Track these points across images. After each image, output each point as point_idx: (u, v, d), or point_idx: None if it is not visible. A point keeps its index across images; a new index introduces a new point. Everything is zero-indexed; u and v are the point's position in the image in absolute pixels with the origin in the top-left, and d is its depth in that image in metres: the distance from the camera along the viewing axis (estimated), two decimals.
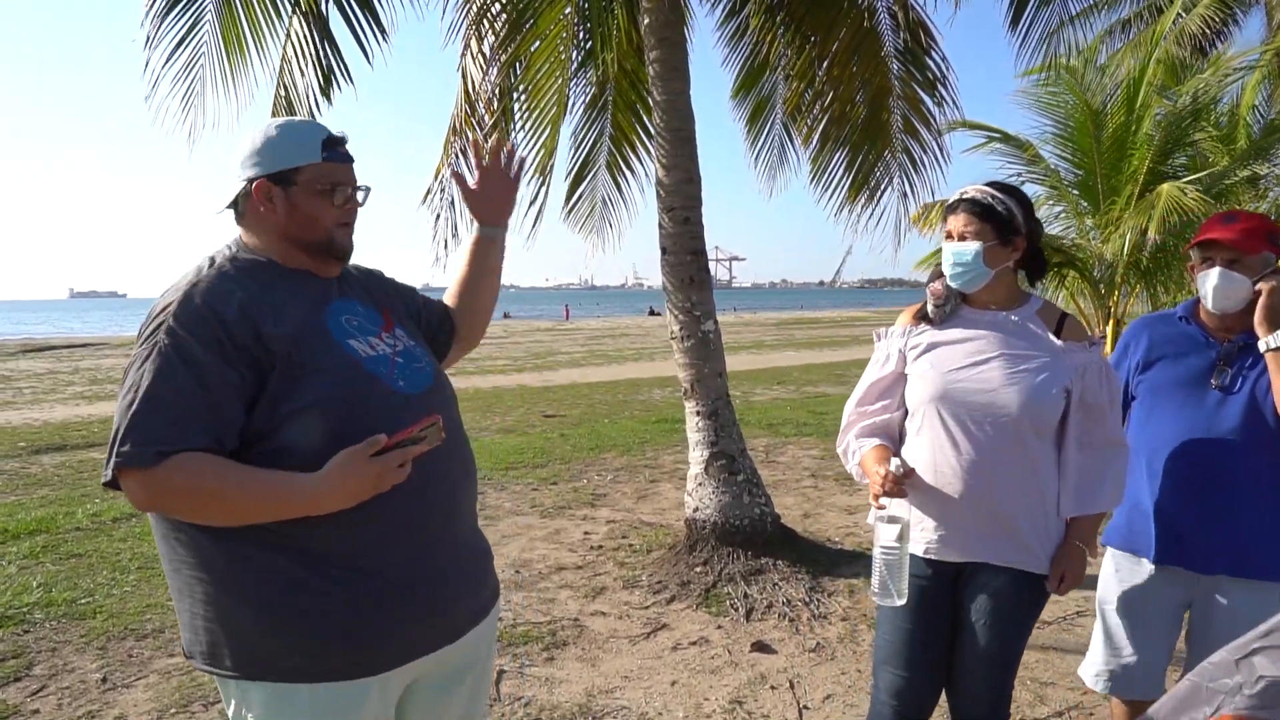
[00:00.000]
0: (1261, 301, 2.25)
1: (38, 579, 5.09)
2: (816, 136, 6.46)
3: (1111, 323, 8.65)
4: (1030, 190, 9.25)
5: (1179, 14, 11.51)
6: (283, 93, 5.25)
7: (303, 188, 1.73)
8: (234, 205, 1.78)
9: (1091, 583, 2.64)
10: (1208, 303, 2.37)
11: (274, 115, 5.33)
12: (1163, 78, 9.13)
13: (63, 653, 4.11)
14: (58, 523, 6.41)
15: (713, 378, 5.43)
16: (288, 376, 1.61)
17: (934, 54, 5.71)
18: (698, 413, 5.43)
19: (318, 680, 1.62)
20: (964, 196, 2.27)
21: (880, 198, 6.15)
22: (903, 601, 2.16)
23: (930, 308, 2.37)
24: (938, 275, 2.37)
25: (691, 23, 5.92)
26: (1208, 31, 16.52)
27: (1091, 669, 2.61)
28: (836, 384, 16.52)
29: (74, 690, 3.75)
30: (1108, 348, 6.89)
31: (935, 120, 5.94)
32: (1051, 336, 2.25)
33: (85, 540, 5.96)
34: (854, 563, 5.27)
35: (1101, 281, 8.66)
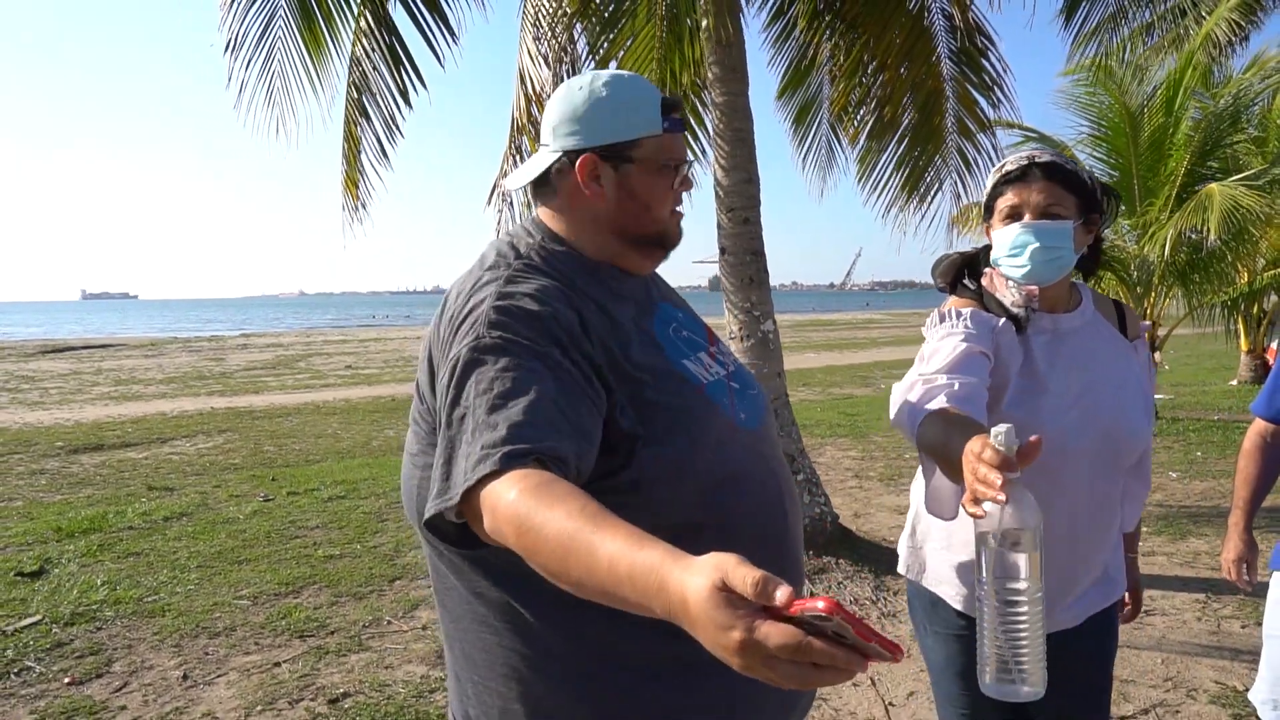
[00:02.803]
0: None
1: (100, 577, 5.12)
2: (864, 137, 6.49)
3: (1151, 326, 8.65)
4: None
5: (1202, 16, 11.50)
6: (354, 94, 5.30)
7: (641, 165, 1.35)
8: (541, 181, 1.40)
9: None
10: None
11: (349, 118, 5.39)
12: (1197, 81, 9.14)
13: (138, 650, 4.14)
14: (109, 521, 6.44)
15: (772, 378, 5.45)
16: (632, 409, 1.23)
17: (991, 55, 5.75)
18: None
19: None
20: (1036, 160, 1.73)
21: (932, 199, 6.17)
22: (1038, 693, 1.14)
23: (1022, 311, 1.75)
24: (959, 267, 1.89)
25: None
26: (1233, 39, 16.50)
27: (1260, 697, 2.50)
28: (861, 385, 16.54)
29: (157, 687, 3.77)
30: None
31: (991, 124, 5.96)
32: (1120, 335, 1.88)
33: (140, 539, 5.99)
34: None
35: (1139, 283, 8.66)
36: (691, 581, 0.80)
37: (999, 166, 1.81)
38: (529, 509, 0.97)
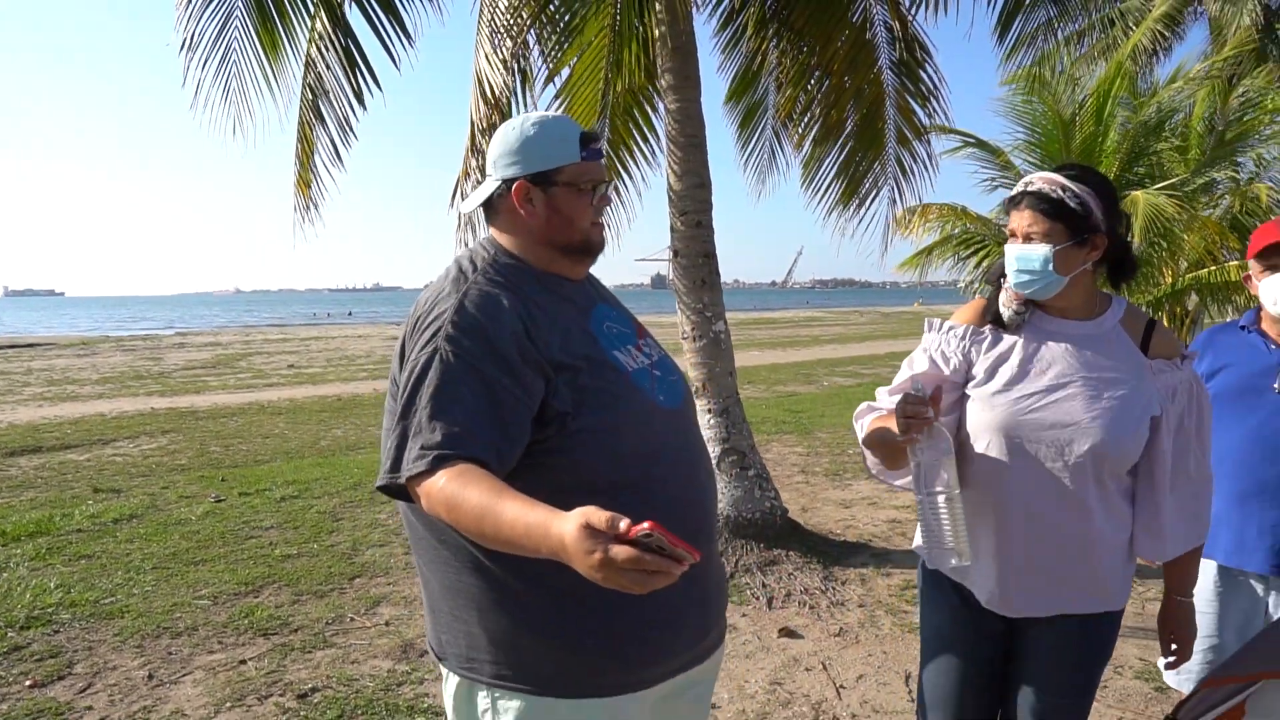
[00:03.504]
0: None
1: (53, 580, 5.08)
2: (808, 142, 6.67)
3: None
4: (1001, 195, 9.62)
5: (1130, 27, 12.01)
6: (310, 96, 5.33)
7: (563, 188, 1.66)
8: (487, 204, 1.73)
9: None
10: (1274, 308, 2.46)
11: (302, 116, 5.42)
12: (1125, 90, 9.53)
13: (100, 651, 4.14)
14: (56, 524, 6.36)
15: (724, 376, 5.62)
16: (570, 391, 1.54)
17: (928, 68, 5.97)
18: (709, 410, 5.60)
19: (585, 696, 1.58)
20: (1028, 189, 1.91)
21: (870, 203, 6.39)
22: (966, 561, 1.83)
23: (1008, 314, 1.98)
24: (1000, 272, 2.02)
25: None
26: (1158, 49, 17.18)
27: (1164, 662, 2.74)
28: (805, 383, 16.85)
29: (122, 687, 3.79)
30: None
31: (927, 132, 6.20)
32: (1139, 352, 1.93)
33: (90, 541, 5.94)
34: (859, 553, 5.49)
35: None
36: (566, 526, 1.20)
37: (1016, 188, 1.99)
38: (454, 491, 1.36)
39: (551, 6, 5.31)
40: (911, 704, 3.56)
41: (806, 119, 6.58)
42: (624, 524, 1.16)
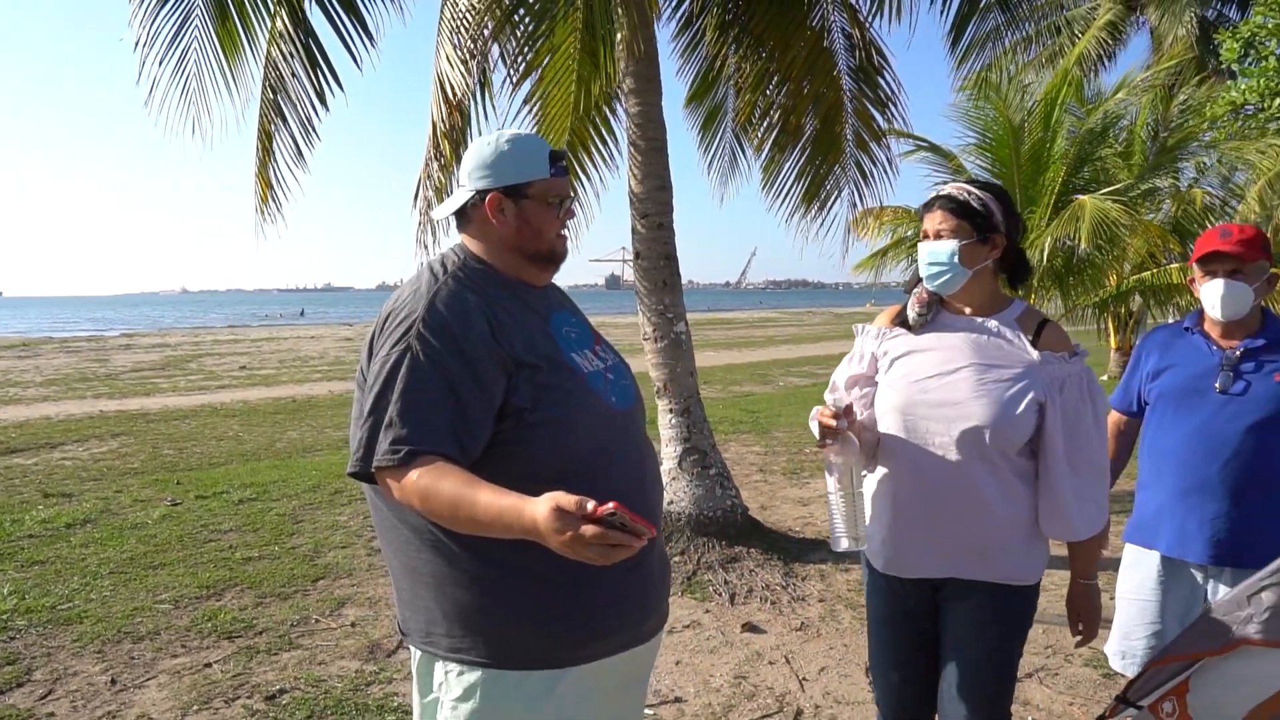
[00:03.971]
0: None
1: (6, 587, 4.99)
2: (768, 146, 6.77)
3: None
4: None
5: (1075, 35, 12.34)
6: (270, 95, 5.30)
7: (533, 201, 1.79)
8: (460, 212, 1.84)
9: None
10: (1215, 312, 2.59)
11: (264, 116, 5.39)
12: (1072, 96, 9.79)
13: (59, 658, 4.09)
14: (6, 530, 6.24)
15: (685, 377, 5.69)
16: (529, 388, 1.66)
17: (886, 74, 6.10)
18: (671, 410, 5.68)
19: (535, 667, 1.69)
20: (939, 194, 2.19)
21: (831, 206, 6.50)
22: (860, 546, 2.12)
23: (912, 315, 2.24)
24: (917, 279, 2.27)
25: None
26: (1102, 56, 17.61)
27: (1112, 649, 2.87)
28: (761, 383, 17.03)
29: (84, 693, 3.75)
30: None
31: (885, 136, 6.34)
32: (1028, 345, 2.12)
33: (43, 547, 5.83)
34: (819, 549, 5.60)
35: (1021, 285, 9.24)
36: (538, 509, 1.37)
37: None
38: (427, 484, 1.52)
39: (517, 14, 5.34)
40: (872, 694, 3.66)
41: (766, 123, 6.67)
42: (591, 505, 1.34)
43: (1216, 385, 2.58)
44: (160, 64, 5.13)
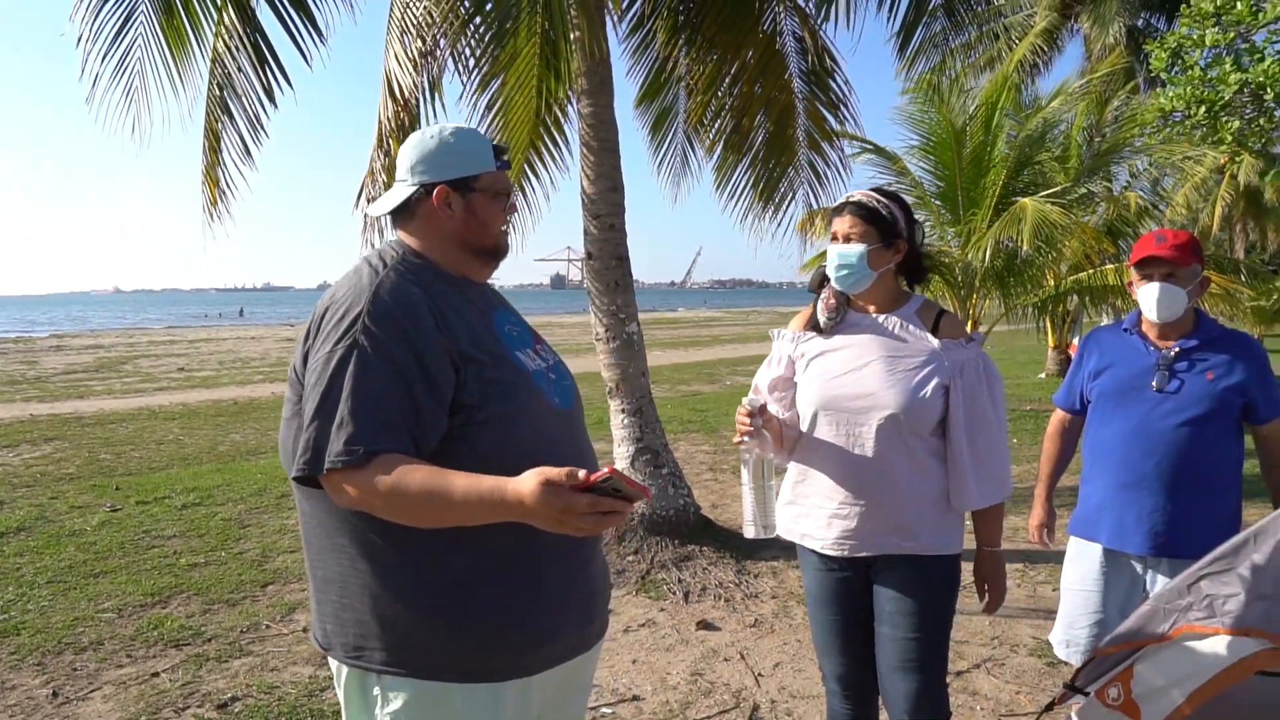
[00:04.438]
0: None
1: None
2: (720, 148, 6.83)
3: (970, 324, 9.45)
4: None
5: (1014, 40, 12.64)
6: (216, 91, 5.20)
7: (480, 194, 1.77)
8: (401, 208, 1.78)
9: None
10: (1151, 314, 2.70)
11: (210, 115, 5.29)
12: (1011, 102, 10.04)
13: None
14: None
15: (637, 377, 5.72)
16: (476, 384, 1.62)
17: (837, 77, 6.20)
18: (623, 410, 5.70)
19: (476, 680, 1.64)
20: (850, 200, 2.35)
21: (786, 207, 6.58)
22: (768, 534, 2.23)
23: (822, 319, 2.40)
24: (822, 278, 2.42)
25: None
26: (1039, 62, 18.05)
27: (1057, 638, 2.96)
28: (708, 383, 17.15)
29: (24, 706, 3.65)
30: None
31: (837, 138, 6.44)
32: (929, 335, 2.31)
33: None
34: (770, 547, 5.66)
35: (963, 285, 9.46)
36: (524, 486, 1.40)
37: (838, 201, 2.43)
38: (394, 481, 1.47)
39: (464, 9, 5.31)
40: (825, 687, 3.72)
41: (718, 125, 6.72)
42: (581, 473, 1.36)
43: (1153, 384, 2.70)
44: (102, 61, 5.00)
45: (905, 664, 2.31)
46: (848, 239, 2.31)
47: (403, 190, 1.78)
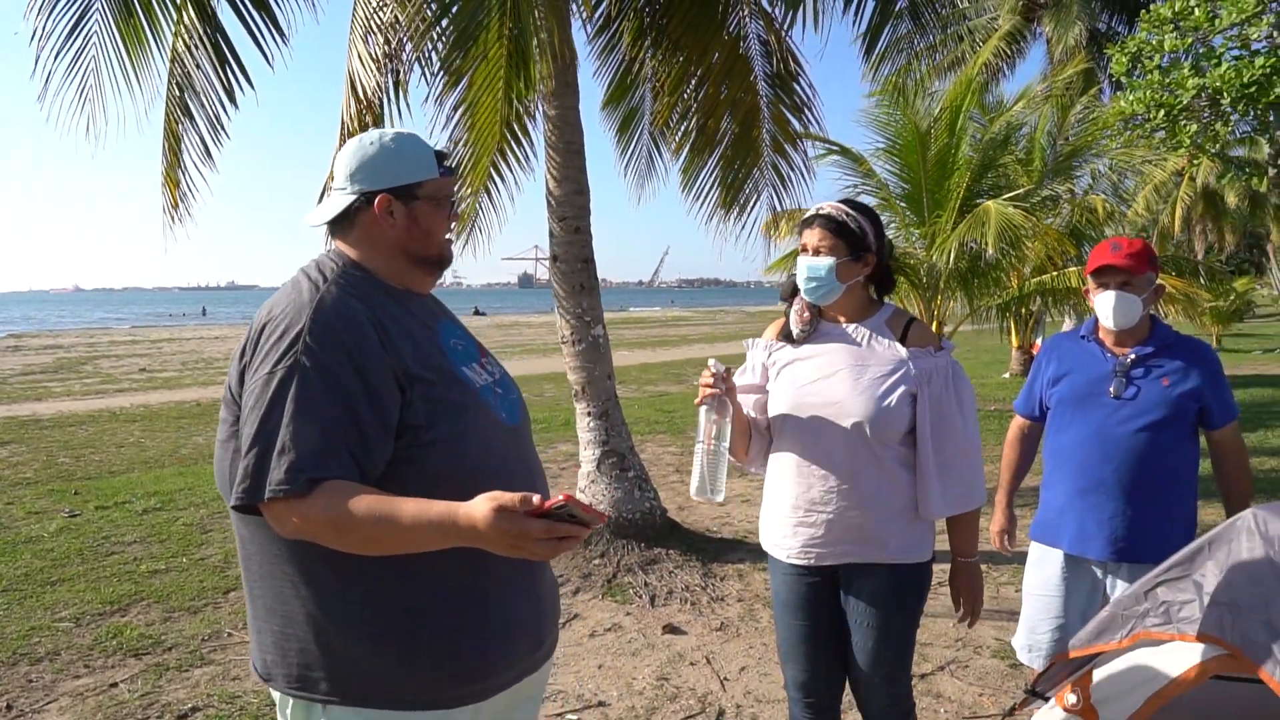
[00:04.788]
0: None
1: None
2: (686, 150, 6.83)
3: (935, 325, 9.54)
4: (864, 201, 10.07)
5: (977, 43, 12.79)
6: (176, 91, 5.12)
7: (424, 202, 1.70)
8: (339, 217, 1.71)
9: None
10: (1107, 322, 2.75)
11: (170, 115, 5.20)
12: (974, 104, 10.15)
13: None
14: None
15: (602, 380, 5.71)
16: (424, 404, 1.57)
17: (801, 80, 6.22)
18: (589, 413, 5.69)
19: (426, 709, 1.59)
20: (820, 212, 2.35)
21: (750, 208, 6.60)
22: (713, 498, 2.21)
23: (796, 330, 2.42)
24: (794, 288, 2.44)
25: None
26: (1002, 64, 18.22)
27: (1019, 642, 2.99)
28: (676, 383, 17.18)
29: None
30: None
31: (801, 141, 6.46)
32: (897, 344, 2.32)
33: None
34: (736, 549, 5.69)
35: (928, 287, 9.54)
36: (476, 512, 1.35)
37: (807, 211, 2.43)
38: (339, 509, 1.42)
39: (430, 11, 5.27)
40: None
41: (684, 127, 6.72)
42: (536, 498, 1.33)
43: (1110, 390, 2.74)
44: (56, 58, 4.91)
45: (875, 670, 2.34)
46: (817, 251, 2.33)
47: (342, 199, 1.70)
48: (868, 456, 2.28)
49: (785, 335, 2.46)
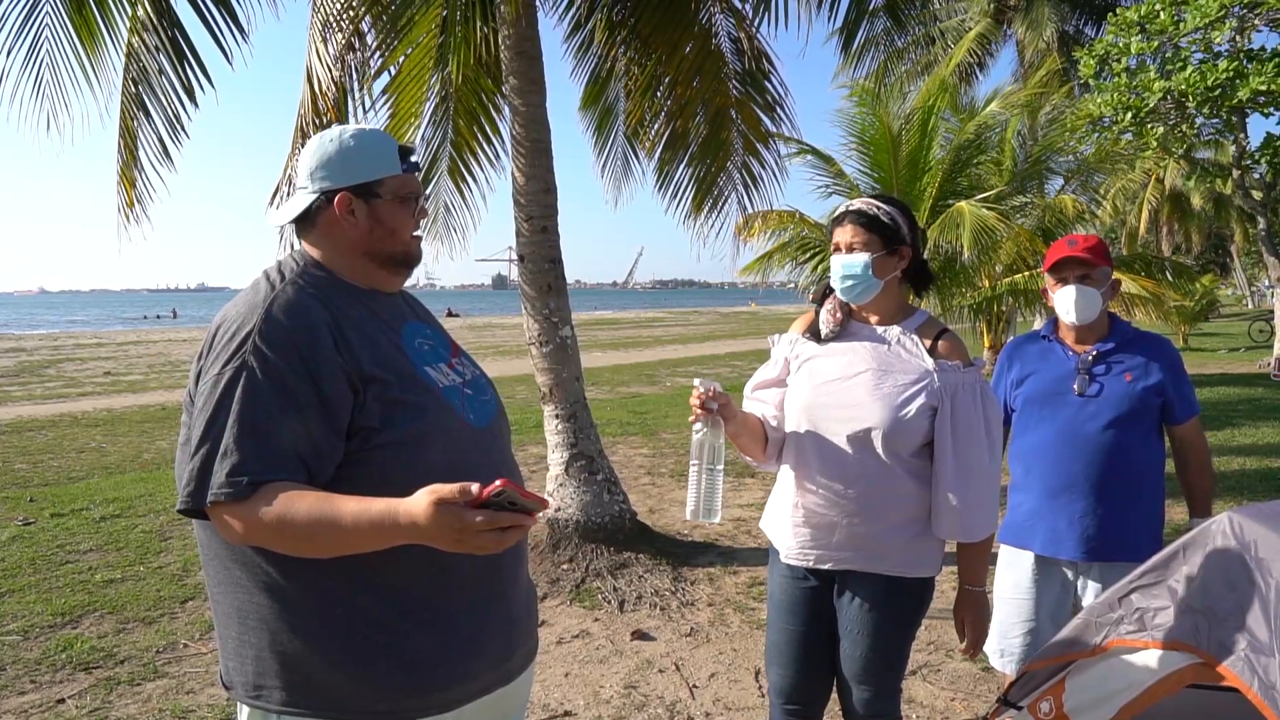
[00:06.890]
0: None
1: None
2: (659, 149, 6.77)
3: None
4: (835, 201, 10.07)
5: (949, 45, 12.87)
6: (132, 88, 4.98)
7: (386, 199, 1.67)
8: (301, 217, 1.68)
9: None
10: (1070, 317, 2.73)
11: (125, 112, 5.07)
12: (947, 105, 10.16)
13: None
14: None
15: (571, 382, 5.62)
16: (378, 405, 1.53)
17: (773, 79, 6.17)
18: (557, 416, 5.60)
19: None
20: (850, 209, 2.28)
21: (723, 208, 6.54)
22: (708, 519, 2.14)
23: (824, 329, 2.34)
24: (827, 290, 2.37)
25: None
26: (974, 66, 18.35)
27: (991, 647, 2.92)
28: (649, 384, 17.08)
29: None
30: None
31: (773, 140, 6.41)
32: (925, 354, 2.22)
33: None
34: (707, 553, 5.62)
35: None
36: (416, 507, 1.31)
37: (836, 209, 2.37)
38: (279, 513, 1.39)
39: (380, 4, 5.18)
40: (762, 700, 3.68)
41: (656, 126, 6.67)
42: (475, 488, 1.29)
43: (1075, 388, 2.74)
44: (9, 55, 4.76)
45: (863, 681, 2.29)
46: (850, 248, 2.26)
47: (303, 198, 1.67)
48: (876, 465, 2.20)
49: (812, 331, 2.38)
